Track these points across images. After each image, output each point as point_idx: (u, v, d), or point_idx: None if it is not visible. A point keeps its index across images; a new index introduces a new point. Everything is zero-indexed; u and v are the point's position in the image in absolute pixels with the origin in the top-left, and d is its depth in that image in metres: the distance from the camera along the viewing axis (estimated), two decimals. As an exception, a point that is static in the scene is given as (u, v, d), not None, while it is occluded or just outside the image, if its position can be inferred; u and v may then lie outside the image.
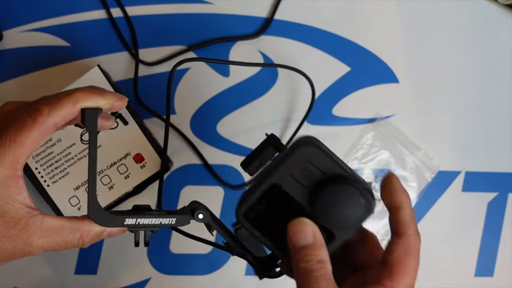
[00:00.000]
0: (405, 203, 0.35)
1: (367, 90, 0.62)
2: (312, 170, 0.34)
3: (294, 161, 0.34)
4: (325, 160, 0.34)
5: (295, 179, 0.34)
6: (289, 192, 0.35)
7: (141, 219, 0.36)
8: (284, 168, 0.34)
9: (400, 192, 0.35)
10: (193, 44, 0.60)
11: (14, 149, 0.33)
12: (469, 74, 0.63)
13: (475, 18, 0.63)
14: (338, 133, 0.61)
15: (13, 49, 0.58)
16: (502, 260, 0.62)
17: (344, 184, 0.34)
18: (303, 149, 0.34)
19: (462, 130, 0.63)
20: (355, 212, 0.34)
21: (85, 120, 0.35)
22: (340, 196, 0.34)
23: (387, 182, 0.36)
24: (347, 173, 0.34)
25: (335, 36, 0.62)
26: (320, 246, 0.34)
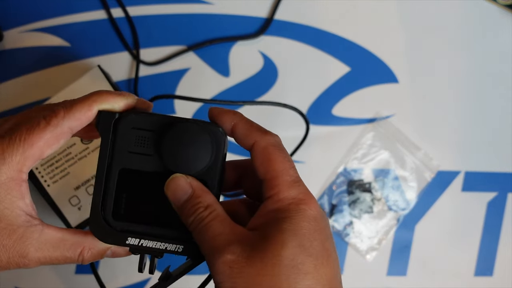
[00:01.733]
0: (236, 118, 0.33)
1: (367, 90, 0.62)
2: (143, 135, 0.33)
3: (121, 137, 0.32)
4: (148, 119, 0.33)
5: (134, 153, 0.33)
6: (139, 168, 0.33)
7: (145, 241, 0.33)
8: (117, 149, 0.32)
9: (226, 112, 0.33)
10: (193, 44, 0.60)
11: (24, 149, 0.31)
12: (469, 74, 0.63)
13: (475, 18, 0.63)
14: (338, 133, 0.61)
15: (13, 49, 0.58)
16: (502, 259, 0.62)
17: (178, 124, 0.32)
18: (123, 121, 0.32)
19: (462, 130, 0.63)
20: (203, 145, 0.32)
21: (100, 122, 0.33)
22: (182, 137, 0.32)
23: (211, 112, 0.34)
24: (173, 117, 0.33)
25: (335, 36, 0.62)
26: (201, 192, 0.32)
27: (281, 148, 0.32)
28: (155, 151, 0.33)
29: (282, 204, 0.31)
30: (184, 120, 0.32)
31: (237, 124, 0.33)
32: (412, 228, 0.62)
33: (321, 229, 0.31)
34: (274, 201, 0.31)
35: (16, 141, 0.31)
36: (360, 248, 0.61)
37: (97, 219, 0.33)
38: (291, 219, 0.30)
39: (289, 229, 0.29)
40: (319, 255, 0.30)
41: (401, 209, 0.61)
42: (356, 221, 0.61)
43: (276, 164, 0.31)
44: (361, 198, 0.61)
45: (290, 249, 0.29)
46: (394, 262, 0.61)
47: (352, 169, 0.61)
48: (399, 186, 0.61)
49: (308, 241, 0.29)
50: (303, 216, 0.30)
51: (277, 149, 0.32)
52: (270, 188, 0.31)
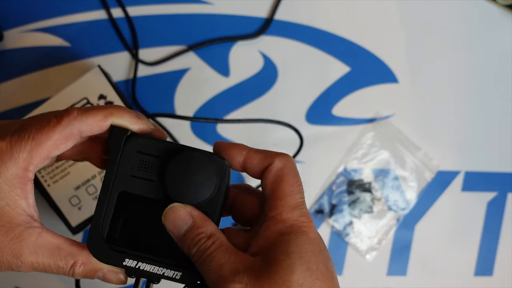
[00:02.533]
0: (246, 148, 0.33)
1: (367, 90, 0.62)
2: (147, 160, 0.32)
3: (125, 159, 0.32)
4: (153, 144, 0.32)
5: (137, 177, 0.32)
6: (140, 193, 0.32)
7: (143, 264, 0.32)
8: (120, 171, 0.32)
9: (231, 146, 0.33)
10: (193, 44, 0.60)
11: (31, 147, 0.30)
12: (469, 74, 0.63)
13: (475, 18, 0.63)
14: (338, 133, 0.61)
15: (14, 49, 0.58)
16: (502, 259, 0.63)
17: (184, 153, 0.31)
18: (128, 143, 0.32)
19: (462, 130, 0.63)
20: (209, 175, 0.32)
21: (112, 137, 0.32)
22: (187, 165, 0.31)
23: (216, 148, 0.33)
24: (180, 145, 0.33)
25: (335, 36, 0.62)
26: (203, 222, 0.31)
27: (295, 171, 0.32)
28: (158, 177, 0.32)
29: (285, 226, 0.31)
30: (190, 149, 0.32)
31: (248, 153, 0.33)
32: (412, 228, 0.62)
33: (322, 251, 0.31)
34: (277, 222, 0.31)
35: (24, 139, 0.30)
36: (360, 248, 0.61)
37: (95, 237, 0.32)
38: (296, 241, 0.30)
39: (295, 252, 0.29)
40: (325, 278, 0.30)
41: (401, 209, 0.61)
42: (356, 221, 0.61)
43: (286, 186, 0.32)
44: (361, 198, 0.61)
45: (299, 273, 0.29)
46: (394, 262, 0.61)
47: (352, 169, 0.61)
48: (399, 186, 0.61)
49: (314, 264, 0.29)
50: (307, 238, 0.30)
51: (292, 171, 0.32)
52: (273, 208, 0.31)
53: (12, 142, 0.30)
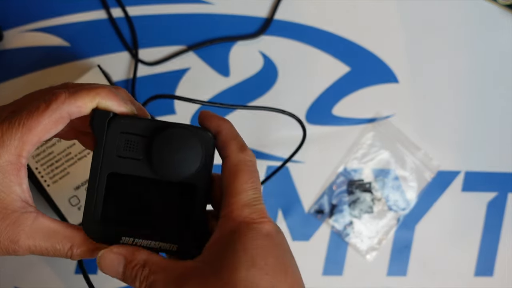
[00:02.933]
0: (222, 125, 0.33)
1: (367, 90, 0.62)
2: (132, 139, 0.33)
3: (110, 141, 0.32)
4: (136, 123, 0.33)
5: (123, 157, 0.33)
6: (128, 172, 0.33)
7: (139, 240, 0.33)
8: (107, 153, 0.32)
9: (215, 118, 0.34)
10: (193, 44, 0.60)
11: (22, 134, 0.30)
12: (469, 74, 0.63)
13: (475, 18, 0.63)
14: (338, 133, 0.61)
15: (13, 49, 0.58)
16: (502, 260, 0.62)
17: (167, 130, 0.32)
18: (112, 125, 0.32)
19: (462, 130, 0.63)
20: (193, 148, 0.32)
21: (95, 120, 0.32)
22: (171, 142, 0.32)
23: (200, 116, 0.34)
24: (162, 122, 0.33)
25: (335, 36, 0.62)
26: (132, 254, 0.31)
27: (252, 169, 0.32)
28: (144, 155, 0.33)
29: (234, 224, 0.30)
30: (173, 125, 0.32)
31: (220, 132, 0.33)
32: (412, 228, 0.62)
33: (276, 245, 0.30)
34: (227, 220, 0.31)
35: (15, 125, 0.31)
36: (360, 248, 0.61)
37: (90, 219, 0.33)
38: (241, 238, 0.30)
39: (241, 249, 0.29)
40: (276, 272, 0.29)
41: (401, 209, 0.61)
42: (356, 221, 0.61)
43: (238, 182, 0.31)
44: (361, 198, 0.61)
45: (244, 270, 0.28)
46: (394, 262, 0.61)
47: (352, 169, 0.61)
48: (399, 186, 0.61)
49: (262, 259, 0.29)
50: (255, 234, 0.30)
51: (247, 168, 0.32)
52: (225, 206, 0.31)
53: (3, 130, 0.31)
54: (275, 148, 0.60)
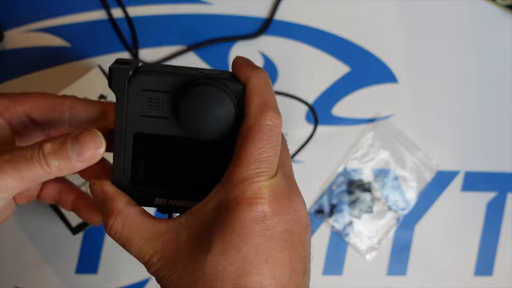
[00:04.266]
0: (251, 76, 0.29)
1: (367, 90, 0.62)
2: (156, 96, 0.30)
3: (133, 100, 0.30)
4: (158, 79, 0.30)
5: (148, 116, 0.31)
6: (155, 132, 0.31)
7: (173, 201, 0.32)
8: (130, 113, 0.30)
9: (244, 66, 0.30)
10: (193, 44, 0.60)
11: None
12: (468, 74, 0.63)
13: (475, 18, 0.63)
14: (338, 133, 0.61)
15: (14, 50, 0.58)
16: (501, 259, 0.63)
17: (195, 88, 0.29)
18: (131, 84, 0.30)
19: (462, 130, 0.63)
20: (225, 106, 0.29)
21: (113, 80, 0.30)
22: (200, 102, 0.29)
23: (233, 63, 0.30)
24: (187, 75, 0.30)
25: (335, 36, 0.62)
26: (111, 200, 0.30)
27: (266, 136, 0.28)
28: (171, 114, 0.30)
29: (224, 198, 0.28)
30: (200, 80, 0.30)
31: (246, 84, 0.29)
32: (412, 228, 0.62)
33: (261, 231, 0.27)
34: (220, 191, 0.28)
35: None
36: (360, 248, 0.61)
37: (121, 183, 0.32)
38: (223, 218, 0.27)
39: (218, 232, 0.27)
40: (247, 261, 0.27)
41: (400, 209, 0.61)
42: (356, 221, 0.61)
43: (244, 151, 0.28)
44: (361, 198, 0.61)
45: (211, 256, 0.27)
46: (394, 262, 0.61)
47: (352, 169, 0.61)
48: (399, 186, 0.61)
49: (234, 247, 0.27)
50: (239, 216, 0.27)
51: (260, 135, 0.28)
52: (227, 172, 0.29)
53: None
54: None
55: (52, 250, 0.57)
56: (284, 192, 0.29)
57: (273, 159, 0.28)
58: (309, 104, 0.59)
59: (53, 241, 0.57)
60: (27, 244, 0.57)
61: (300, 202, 0.29)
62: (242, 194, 0.27)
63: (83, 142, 0.29)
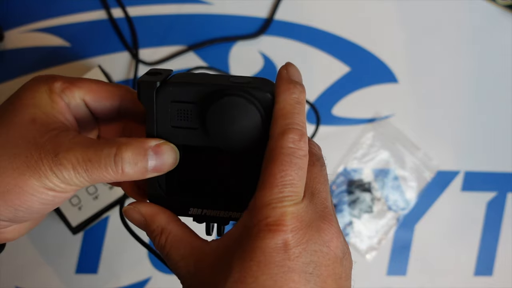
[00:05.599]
0: (280, 94, 0.28)
1: (367, 90, 0.62)
2: (184, 108, 0.30)
3: (161, 112, 0.30)
4: (186, 90, 0.30)
5: (178, 127, 0.30)
6: (186, 143, 0.31)
7: (208, 211, 0.32)
8: (160, 125, 0.30)
9: (277, 81, 0.29)
10: (193, 44, 0.60)
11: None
12: (468, 74, 0.63)
13: (475, 18, 0.63)
14: (338, 133, 0.61)
15: (14, 50, 0.58)
16: (501, 259, 0.63)
17: (221, 100, 0.29)
18: (159, 95, 0.30)
19: (461, 130, 0.63)
20: (252, 117, 0.29)
21: (142, 92, 0.30)
22: (227, 114, 0.29)
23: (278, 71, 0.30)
24: (213, 85, 0.30)
25: (335, 36, 0.62)
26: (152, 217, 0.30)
27: (288, 158, 0.27)
28: (200, 124, 0.30)
29: (248, 224, 0.27)
30: (227, 90, 0.29)
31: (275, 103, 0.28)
32: (411, 228, 0.62)
33: (280, 261, 0.26)
34: (246, 215, 0.28)
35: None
36: (360, 247, 0.61)
37: (156, 193, 0.32)
38: (245, 245, 0.26)
39: (238, 260, 0.26)
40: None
41: (400, 209, 0.61)
42: (356, 221, 0.61)
43: (267, 173, 0.27)
44: (361, 198, 0.61)
45: (230, 283, 0.26)
46: (394, 262, 0.61)
47: (352, 169, 0.61)
48: (398, 186, 0.61)
49: (252, 276, 0.26)
50: (260, 244, 0.26)
51: (282, 157, 0.27)
52: (253, 197, 0.28)
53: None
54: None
55: (52, 250, 0.57)
56: (311, 220, 0.27)
57: (298, 183, 0.27)
58: (310, 102, 0.59)
59: (53, 241, 0.57)
60: (27, 244, 0.57)
61: (332, 232, 0.27)
62: (264, 220, 0.26)
63: (162, 155, 0.29)
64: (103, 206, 0.52)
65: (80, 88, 0.31)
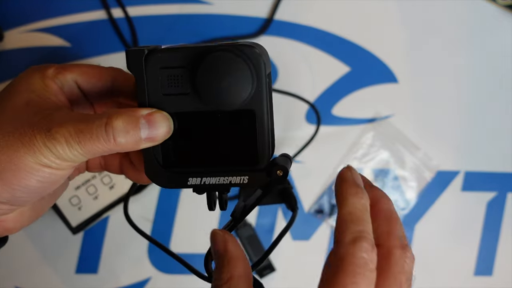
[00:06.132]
0: (346, 198, 0.27)
1: (367, 90, 0.62)
2: (174, 73, 0.30)
3: (152, 80, 0.30)
4: (173, 54, 0.29)
5: (170, 94, 0.30)
6: (179, 110, 0.30)
7: (207, 179, 0.31)
8: (151, 93, 0.30)
9: (343, 183, 0.28)
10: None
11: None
12: (468, 74, 0.63)
13: (475, 18, 0.63)
14: (338, 133, 0.61)
15: (14, 50, 0.58)
16: (501, 259, 0.63)
17: (208, 56, 0.29)
18: (149, 63, 0.29)
19: (462, 130, 0.63)
20: (241, 71, 0.28)
21: (130, 61, 0.30)
22: (215, 70, 0.29)
23: (338, 174, 0.29)
24: (201, 47, 0.29)
25: (335, 36, 0.62)
26: (229, 262, 0.27)
27: (359, 270, 0.25)
28: (191, 88, 0.30)
29: None
30: (213, 48, 0.29)
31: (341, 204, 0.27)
32: (412, 228, 0.62)
33: None
34: None
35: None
36: (360, 248, 0.61)
37: (152, 166, 0.31)
38: None
39: None
40: None
41: (400, 209, 0.61)
42: (356, 221, 0.61)
43: (345, 279, 0.24)
44: (361, 198, 0.61)
45: None
46: (394, 262, 0.61)
47: (352, 169, 0.61)
48: (398, 186, 0.61)
49: None
50: None
51: (352, 268, 0.25)
52: None
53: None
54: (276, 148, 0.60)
55: (52, 250, 0.57)
56: None
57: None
58: (310, 102, 0.59)
59: (53, 241, 0.57)
60: (27, 244, 0.57)
61: None
62: None
63: (155, 123, 0.29)
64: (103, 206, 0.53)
65: (72, 72, 0.31)
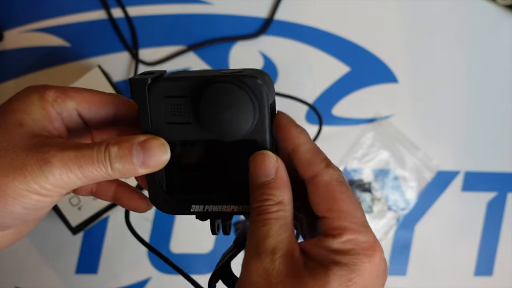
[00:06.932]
0: (301, 139, 0.29)
1: (367, 90, 0.62)
2: (177, 102, 0.30)
3: (155, 109, 0.30)
4: (177, 84, 0.30)
5: (173, 123, 0.30)
6: (182, 138, 0.30)
7: (210, 206, 0.31)
8: (155, 122, 0.30)
9: (290, 126, 0.29)
10: (193, 44, 0.60)
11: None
12: (468, 74, 0.63)
13: (475, 18, 0.63)
14: (338, 133, 0.61)
15: (14, 49, 0.58)
16: (501, 259, 0.63)
17: (210, 87, 0.29)
18: (152, 92, 0.30)
19: (462, 130, 0.63)
20: (243, 103, 0.29)
21: (133, 90, 0.30)
22: (218, 101, 0.29)
23: (276, 123, 0.30)
24: (204, 77, 0.29)
25: (335, 36, 0.62)
26: (281, 186, 0.28)
27: (346, 185, 0.29)
28: (194, 117, 0.30)
29: (344, 248, 0.27)
30: (216, 79, 0.29)
31: (300, 146, 0.29)
32: (412, 228, 0.62)
33: (373, 284, 0.27)
34: (335, 242, 0.27)
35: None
36: (360, 248, 0.61)
37: (156, 193, 0.31)
38: (343, 267, 0.27)
39: (337, 275, 0.26)
40: None
41: (400, 209, 0.61)
42: (356, 221, 0.61)
43: (342, 204, 0.28)
44: (361, 198, 0.61)
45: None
46: (394, 262, 0.61)
47: (352, 169, 0.61)
48: (399, 186, 0.61)
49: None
50: (359, 268, 0.27)
51: (343, 186, 0.28)
52: (332, 228, 0.28)
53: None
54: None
55: (52, 250, 0.57)
56: None
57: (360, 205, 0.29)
58: (310, 104, 0.59)
59: (53, 241, 0.57)
60: (27, 244, 0.57)
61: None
62: (361, 245, 0.27)
63: (149, 149, 0.29)
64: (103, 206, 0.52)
65: (73, 98, 0.31)
